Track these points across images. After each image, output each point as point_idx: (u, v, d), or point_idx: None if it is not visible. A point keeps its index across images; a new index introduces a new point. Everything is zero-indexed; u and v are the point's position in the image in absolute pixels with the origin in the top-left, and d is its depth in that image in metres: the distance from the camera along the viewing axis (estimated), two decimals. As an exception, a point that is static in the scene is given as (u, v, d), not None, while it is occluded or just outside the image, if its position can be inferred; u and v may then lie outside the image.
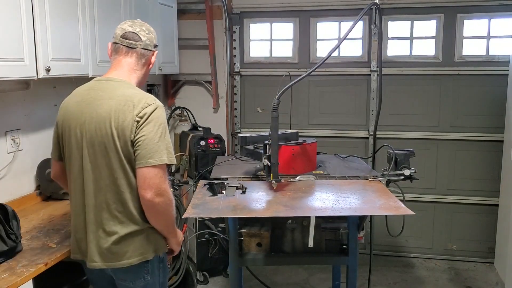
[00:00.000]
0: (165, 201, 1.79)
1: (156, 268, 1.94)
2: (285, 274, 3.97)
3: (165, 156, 1.78)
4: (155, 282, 1.95)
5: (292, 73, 2.91)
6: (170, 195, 1.82)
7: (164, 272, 2.00)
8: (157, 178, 1.76)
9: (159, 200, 1.77)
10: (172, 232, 1.96)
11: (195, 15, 4.33)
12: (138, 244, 1.85)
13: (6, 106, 2.51)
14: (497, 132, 4.06)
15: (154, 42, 1.97)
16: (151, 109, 1.79)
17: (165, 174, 1.80)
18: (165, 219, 1.87)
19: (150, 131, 1.77)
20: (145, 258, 1.87)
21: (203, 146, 3.92)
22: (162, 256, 1.97)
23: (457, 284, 3.86)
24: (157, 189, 1.76)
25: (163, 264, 1.99)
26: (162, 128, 1.80)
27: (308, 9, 4.26)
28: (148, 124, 1.77)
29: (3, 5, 1.98)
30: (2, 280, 1.72)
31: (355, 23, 2.41)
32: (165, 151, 1.78)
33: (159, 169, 1.76)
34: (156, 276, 1.95)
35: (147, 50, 1.93)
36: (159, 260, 1.95)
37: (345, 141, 4.34)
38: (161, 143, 1.78)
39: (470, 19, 4.06)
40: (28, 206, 2.63)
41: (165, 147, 1.79)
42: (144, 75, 1.98)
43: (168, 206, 1.83)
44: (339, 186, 2.45)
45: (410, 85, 4.21)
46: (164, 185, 1.79)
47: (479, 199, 4.22)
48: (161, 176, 1.77)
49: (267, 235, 2.51)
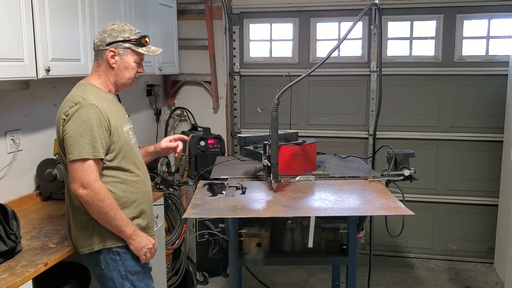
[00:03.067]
0: (89, 194, 1.87)
1: (110, 259, 2.01)
2: (285, 274, 3.97)
3: (85, 151, 1.87)
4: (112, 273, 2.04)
5: (291, 73, 2.91)
6: (97, 189, 1.88)
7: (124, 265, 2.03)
8: (78, 171, 1.87)
9: (82, 192, 1.87)
10: (121, 232, 1.97)
11: (195, 15, 4.34)
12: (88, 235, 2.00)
13: (6, 106, 2.51)
14: (496, 132, 4.06)
15: (106, 41, 2.02)
16: (76, 108, 1.90)
17: (89, 168, 1.88)
18: (98, 213, 1.92)
19: (71, 128, 1.89)
20: (91, 249, 2.00)
21: (202, 146, 3.92)
22: (116, 250, 2.01)
23: (456, 284, 3.86)
24: (80, 182, 1.87)
25: (121, 256, 2.02)
26: (85, 125, 1.89)
27: (308, 9, 4.26)
28: (71, 122, 1.90)
29: (2, 5, 1.97)
30: (2, 280, 1.72)
31: (355, 23, 2.42)
32: (87, 146, 1.87)
33: (80, 163, 1.87)
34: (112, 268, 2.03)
35: (99, 50, 2.05)
36: (114, 253, 2.01)
37: (345, 141, 4.34)
38: (82, 138, 1.87)
39: (470, 19, 4.07)
40: (28, 206, 2.63)
41: (87, 143, 1.88)
42: (109, 73, 2.06)
43: (96, 201, 1.88)
44: (339, 186, 2.45)
45: (410, 85, 4.21)
46: (87, 178, 1.87)
47: (478, 199, 4.22)
48: (82, 170, 1.87)
49: (267, 235, 2.51)
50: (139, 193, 2.09)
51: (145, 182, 2.15)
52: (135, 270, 2.07)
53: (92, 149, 1.88)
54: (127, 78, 2.08)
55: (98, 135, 1.90)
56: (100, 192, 1.89)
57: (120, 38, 2.03)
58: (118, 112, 2.08)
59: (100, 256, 2.01)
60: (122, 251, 2.03)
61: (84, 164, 1.87)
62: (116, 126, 2.00)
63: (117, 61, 2.04)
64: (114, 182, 2.00)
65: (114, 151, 1.99)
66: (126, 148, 2.04)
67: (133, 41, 2.04)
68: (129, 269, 2.05)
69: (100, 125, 1.91)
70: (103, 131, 1.92)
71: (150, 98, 4.21)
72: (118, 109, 2.10)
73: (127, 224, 1.98)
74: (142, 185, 2.11)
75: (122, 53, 2.04)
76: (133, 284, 2.06)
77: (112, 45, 2.02)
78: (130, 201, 2.04)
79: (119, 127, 2.03)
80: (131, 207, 2.05)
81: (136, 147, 2.15)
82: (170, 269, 3.50)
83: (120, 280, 2.03)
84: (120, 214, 1.95)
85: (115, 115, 2.03)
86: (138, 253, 2.04)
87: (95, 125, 1.90)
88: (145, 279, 2.13)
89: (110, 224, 1.95)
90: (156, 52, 2.13)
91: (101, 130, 1.92)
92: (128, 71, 2.07)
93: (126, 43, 2.03)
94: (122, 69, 2.06)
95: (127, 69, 2.06)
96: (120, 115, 2.08)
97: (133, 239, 2.00)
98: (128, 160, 2.04)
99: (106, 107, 1.98)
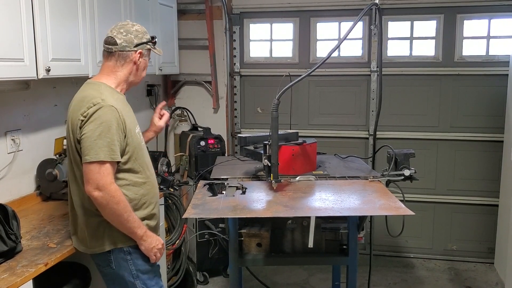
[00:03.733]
0: (104, 196, 1.87)
1: (121, 259, 2.02)
2: (285, 274, 3.97)
3: (103, 154, 1.85)
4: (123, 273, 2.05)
5: (292, 73, 2.91)
6: (112, 192, 1.88)
7: (135, 264, 2.04)
8: (94, 173, 1.86)
9: (97, 194, 1.86)
10: (132, 234, 1.99)
11: (195, 15, 4.33)
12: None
13: (6, 106, 2.51)
14: (497, 132, 4.06)
15: (134, 42, 2.04)
16: (95, 109, 1.89)
17: (106, 170, 1.87)
18: (112, 215, 1.92)
19: (89, 130, 1.87)
20: (103, 249, 2.01)
21: (203, 146, 3.93)
22: (127, 249, 2.02)
23: (457, 284, 3.86)
24: (95, 184, 1.86)
25: (132, 256, 2.03)
26: (104, 127, 1.88)
27: (308, 9, 4.26)
28: (90, 123, 1.88)
29: (3, 5, 1.97)
30: (2, 281, 1.72)
31: (355, 23, 2.41)
32: (104, 148, 1.86)
33: (96, 165, 1.86)
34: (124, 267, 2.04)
35: (125, 51, 2.04)
36: (125, 253, 2.02)
37: (345, 141, 4.34)
38: (100, 140, 1.86)
39: (470, 19, 4.07)
40: (28, 206, 2.63)
41: (105, 145, 1.87)
42: (130, 74, 2.08)
43: (111, 203, 1.88)
44: (339, 187, 2.45)
45: (410, 85, 4.21)
46: (103, 181, 1.86)
47: (479, 199, 4.22)
48: (98, 172, 1.86)
49: (267, 235, 2.51)
50: (149, 194, 2.10)
51: (154, 183, 2.16)
52: (145, 269, 2.08)
53: (109, 152, 1.87)
54: (142, 78, 2.16)
55: (116, 138, 1.90)
56: (115, 194, 1.89)
57: (145, 40, 2.08)
58: (130, 113, 2.10)
59: (111, 256, 2.02)
60: (132, 251, 2.04)
61: (101, 167, 1.87)
62: (130, 128, 2.00)
63: (141, 62, 2.09)
64: (127, 185, 2.00)
65: (128, 153, 1.99)
66: (138, 150, 2.05)
67: (151, 42, 2.12)
68: (140, 268, 2.06)
69: (118, 128, 1.92)
70: (119, 133, 1.93)
71: (150, 98, 4.21)
72: (130, 110, 2.12)
73: (139, 226, 1.99)
74: (151, 186, 2.12)
75: (145, 54, 2.11)
76: (144, 283, 2.07)
77: (139, 46, 2.06)
78: (141, 203, 2.05)
79: (132, 128, 2.03)
80: (142, 208, 2.06)
81: (145, 148, 2.17)
82: (170, 269, 3.50)
83: (132, 280, 2.04)
84: (133, 216, 1.96)
85: (128, 116, 2.05)
86: (148, 254, 2.05)
87: (114, 127, 1.90)
88: (155, 277, 2.14)
89: (123, 226, 1.95)
90: (161, 52, 2.23)
91: (118, 132, 1.92)
92: (144, 72, 2.15)
93: (148, 44, 2.10)
94: (141, 70, 2.12)
95: (144, 69, 2.14)
96: (132, 116, 2.10)
97: (144, 240, 2.01)
98: (139, 162, 2.05)
99: (121, 108, 1.98)
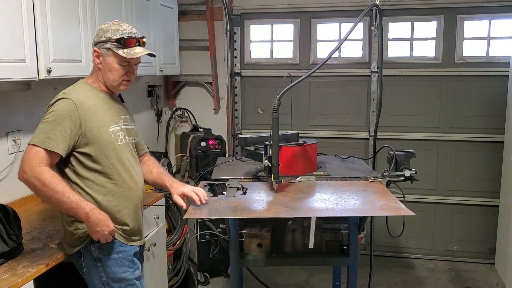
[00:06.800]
0: (29, 179, 1.79)
1: (91, 265, 1.97)
2: (286, 275, 3.98)
3: (37, 139, 1.82)
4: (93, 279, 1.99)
5: (292, 74, 2.91)
6: (37, 174, 1.77)
7: (105, 271, 1.97)
8: (25, 155, 1.83)
9: (23, 176, 1.81)
10: (76, 215, 1.87)
11: (195, 16, 4.34)
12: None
13: (7, 107, 2.51)
14: (497, 133, 4.06)
15: (94, 40, 2.01)
16: (53, 101, 1.92)
17: (36, 154, 1.80)
18: (44, 198, 1.84)
19: (41, 119, 1.89)
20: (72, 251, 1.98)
21: (203, 147, 3.93)
22: (97, 256, 1.96)
23: (457, 285, 3.86)
24: (22, 167, 1.82)
25: (102, 263, 1.96)
26: (52, 116, 1.86)
27: (309, 10, 4.27)
28: (45, 114, 1.90)
29: (4, 6, 1.98)
30: (3, 281, 1.72)
31: (355, 24, 2.42)
32: (42, 134, 1.83)
33: (28, 148, 1.83)
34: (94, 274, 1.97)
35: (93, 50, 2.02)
36: (95, 259, 1.96)
37: (345, 142, 4.34)
38: (42, 125, 1.86)
39: (470, 20, 4.07)
40: (29, 207, 2.63)
41: (44, 131, 1.83)
42: (101, 75, 2.01)
43: (37, 185, 1.79)
44: (340, 187, 2.46)
45: (410, 86, 4.21)
46: (28, 162, 1.79)
47: (479, 200, 4.22)
48: (28, 154, 1.81)
49: (268, 236, 2.51)
50: (123, 197, 1.99)
51: (132, 186, 2.03)
52: (117, 277, 1.99)
53: (46, 139, 1.81)
54: (112, 80, 1.99)
55: (60, 129, 1.83)
56: (40, 177, 1.77)
57: (103, 38, 1.95)
58: (108, 111, 2.00)
59: (82, 261, 1.98)
60: (103, 258, 1.97)
61: (32, 150, 1.80)
62: (98, 125, 1.92)
63: (101, 61, 1.98)
64: (95, 185, 1.93)
65: (87, 148, 1.90)
66: (108, 149, 1.95)
67: (113, 41, 1.94)
68: (111, 276, 1.98)
69: (69, 120, 1.85)
70: (71, 126, 1.85)
71: (151, 99, 4.22)
72: (110, 108, 2.02)
73: (78, 206, 1.84)
74: (127, 189, 2.01)
75: (105, 54, 1.96)
76: None
77: (97, 44, 1.97)
78: (111, 206, 1.96)
79: (103, 126, 1.94)
80: (114, 212, 1.97)
81: (127, 149, 2.04)
82: (171, 270, 3.50)
83: (101, 287, 1.98)
84: (69, 197, 1.82)
85: (102, 113, 1.96)
86: (92, 235, 1.92)
87: (61, 119, 1.84)
88: (129, 286, 2.02)
89: (62, 208, 1.88)
90: (137, 55, 1.96)
91: (68, 124, 1.84)
92: (112, 73, 1.98)
93: (107, 43, 1.95)
94: (106, 70, 1.98)
95: (110, 70, 1.97)
96: (110, 114, 2.00)
97: (87, 221, 1.87)
98: (111, 162, 1.96)
99: (92, 104, 1.93)
